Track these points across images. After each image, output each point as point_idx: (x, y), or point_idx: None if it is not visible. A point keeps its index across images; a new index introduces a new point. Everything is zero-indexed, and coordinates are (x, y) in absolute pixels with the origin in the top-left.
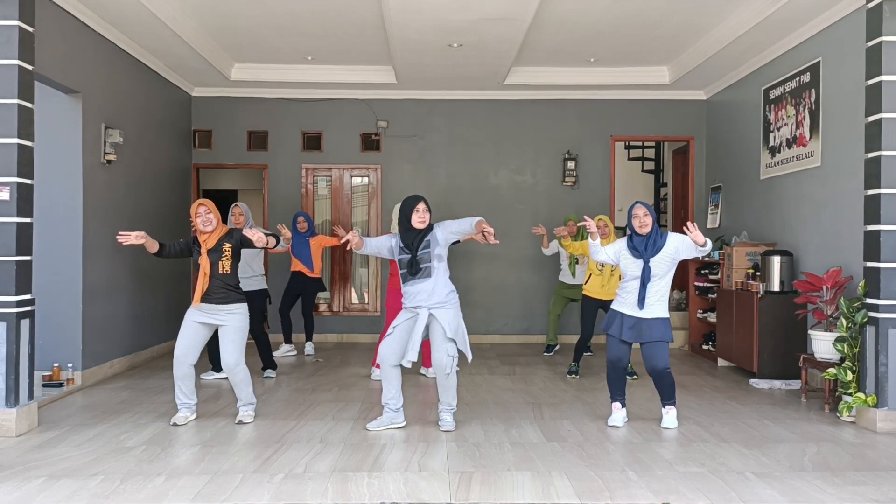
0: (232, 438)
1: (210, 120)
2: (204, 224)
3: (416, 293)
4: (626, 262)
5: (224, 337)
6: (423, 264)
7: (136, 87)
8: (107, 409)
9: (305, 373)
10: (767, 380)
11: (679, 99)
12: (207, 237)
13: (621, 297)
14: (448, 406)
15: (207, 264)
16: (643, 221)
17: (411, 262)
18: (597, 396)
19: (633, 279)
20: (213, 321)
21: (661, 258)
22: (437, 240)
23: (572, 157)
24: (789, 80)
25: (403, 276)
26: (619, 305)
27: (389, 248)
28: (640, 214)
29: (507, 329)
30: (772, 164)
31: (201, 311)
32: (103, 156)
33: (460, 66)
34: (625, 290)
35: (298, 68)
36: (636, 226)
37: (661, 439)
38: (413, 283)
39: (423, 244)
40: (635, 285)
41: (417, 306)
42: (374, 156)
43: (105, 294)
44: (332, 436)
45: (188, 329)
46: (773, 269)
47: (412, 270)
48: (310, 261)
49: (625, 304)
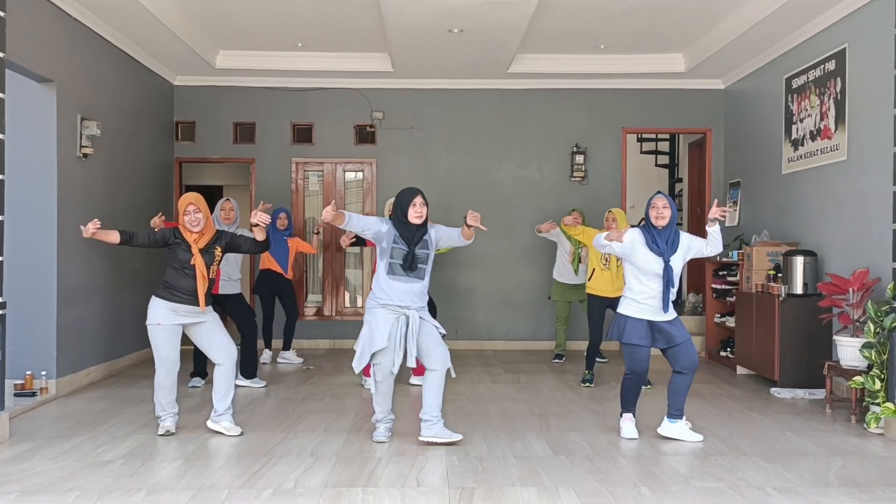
0: (217, 452)
1: (193, 111)
2: (192, 224)
3: (404, 292)
4: (643, 258)
5: (212, 330)
6: (421, 263)
7: (115, 76)
8: (83, 420)
9: (294, 382)
10: (790, 389)
11: (695, 88)
12: (198, 237)
13: (640, 303)
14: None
15: (203, 266)
16: (661, 213)
17: (409, 258)
18: (607, 406)
19: (650, 279)
20: (188, 321)
21: (678, 256)
22: (432, 241)
23: (581, 151)
24: (813, 68)
25: (392, 267)
26: (640, 312)
27: (378, 231)
28: (660, 205)
29: (511, 334)
30: (794, 158)
31: (181, 314)
32: (79, 149)
33: (461, 53)
34: (643, 295)
35: (288, 56)
36: (653, 216)
37: (676, 453)
38: (404, 279)
39: (422, 242)
40: (656, 287)
41: (405, 306)
42: (368, 149)
43: (81, 297)
44: (323, 449)
45: (172, 334)
46: (795, 271)
47: (407, 266)
48: (286, 262)
49: (647, 310)
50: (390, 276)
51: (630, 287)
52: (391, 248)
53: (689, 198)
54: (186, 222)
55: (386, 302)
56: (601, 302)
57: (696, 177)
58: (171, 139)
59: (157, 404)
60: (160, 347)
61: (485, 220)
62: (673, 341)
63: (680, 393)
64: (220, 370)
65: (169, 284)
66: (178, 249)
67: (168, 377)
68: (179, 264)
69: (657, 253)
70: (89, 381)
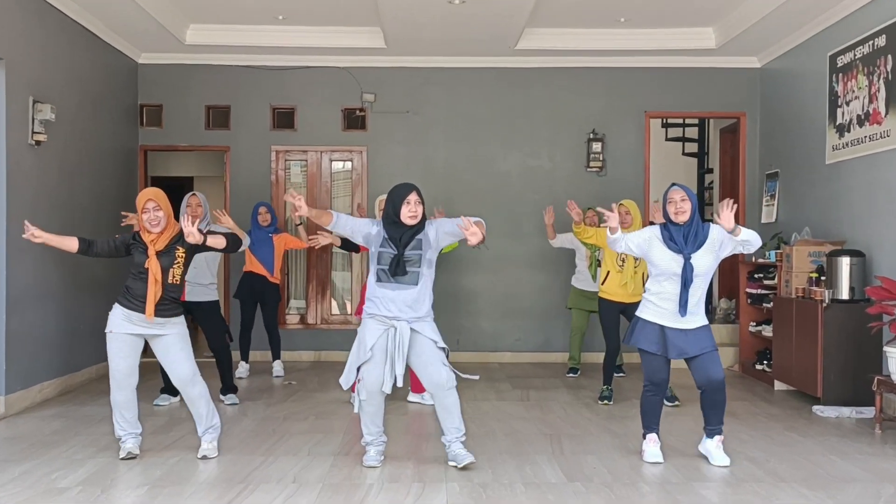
0: (187, 477)
1: (160, 93)
2: (151, 223)
3: (392, 300)
4: (661, 257)
5: (170, 347)
6: (411, 268)
7: (72, 54)
8: (35, 441)
9: (275, 399)
10: (834, 407)
11: (728, 67)
12: (156, 238)
13: (655, 306)
14: (458, 433)
15: (158, 270)
16: (680, 207)
17: (396, 262)
18: (627, 426)
19: (668, 279)
20: (149, 332)
21: (704, 254)
22: (429, 241)
23: (598, 138)
24: (861, 44)
25: (380, 273)
26: (655, 316)
27: (367, 234)
28: (677, 199)
29: (520, 345)
30: (840, 146)
31: (134, 321)
32: (31, 135)
33: (462, 27)
34: (659, 297)
35: (267, 30)
36: (671, 212)
37: (706, 479)
38: (392, 286)
39: (414, 243)
40: (673, 288)
41: (394, 317)
42: (358, 136)
43: (33, 303)
44: (307, 474)
45: (124, 343)
46: (840, 273)
47: (394, 271)
48: (271, 263)
49: (663, 313)
50: (379, 284)
51: (648, 288)
52: (378, 252)
53: (720, 190)
54: (145, 221)
55: (374, 312)
56: (613, 307)
57: (729, 167)
58: (135, 124)
59: (115, 424)
60: (111, 357)
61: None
62: (689, 352)
63: (707, 409)
64: (189, 394)
65: (127, 289)
66: (136, 252)
67: (119, 392)
68: (136, 268)
69: (675, 250)
70: (42, 397)
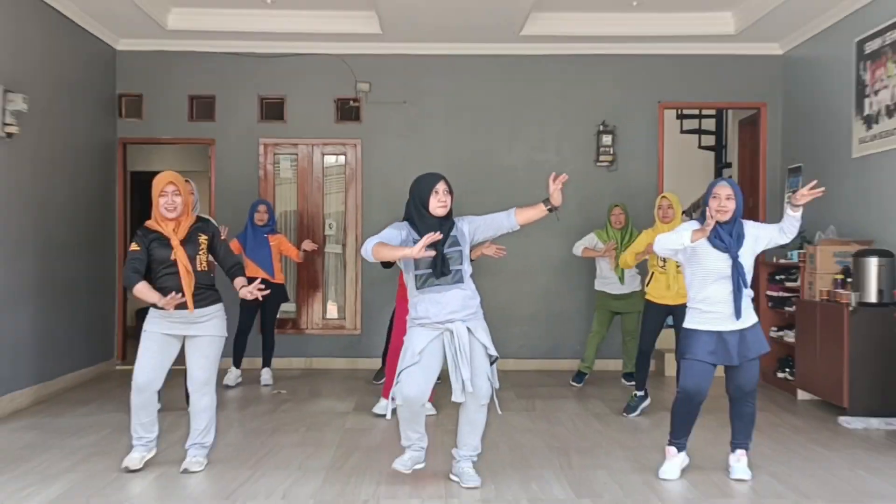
0: (169, 493)
1: (140, 82)
2: (167, 207)
3: (444, 303)
4: (707, 256)
5: (198, 348)
6: (455, 266)
7: (45, 41)
8: (5, 455)
9: (264, 409)
10: (862, 418)
11: (747, 54)
12: (176, 225)
13: (705, 312)
14: (474, 452)
15: (186, 259)
16: (724, 206)
17: (441, 261)
18: (640, 440)
19: (717, 282)
20: (187, 332)
21: (746, 251)
22: (464, 236)
23: (609, 130)
24: (891, 29)
25: (421, 279)
26: (709, 322)
27: (401, 242)
28: (723, 196)
29: (525, 352)
30: (867, 139)
31: (172, 319)
32: (2, 128)
33: (464, 11)
34: (709, 301)
35: (255, 14)
36: (714, 207)
37: (725, 495)
38: (438, 289)
39: (451, 240)
40: (724, 291)
41: (448, 320)
42: (352, 128)
43: (6, 307)
44: (297, 490)
45: (155, 344)
46: (868, 275)
47: (440, 272)
48: (269, 264)
49: (717, 317)
50: (420, 290)
51: (693, 296)
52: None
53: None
54: (162, 205)
55: (424, 318)
56: (660, 310)
57: (748, 161)
58: (113, 116)
59: (131, 427)
60: (138, 356)
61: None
62: (747, 355)
63: (735, 421)
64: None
65: (160, 292)
66: (156, 248)
67: (138, 395)
68: (159, 265)
69: (723, 249)
70: (14, 407)
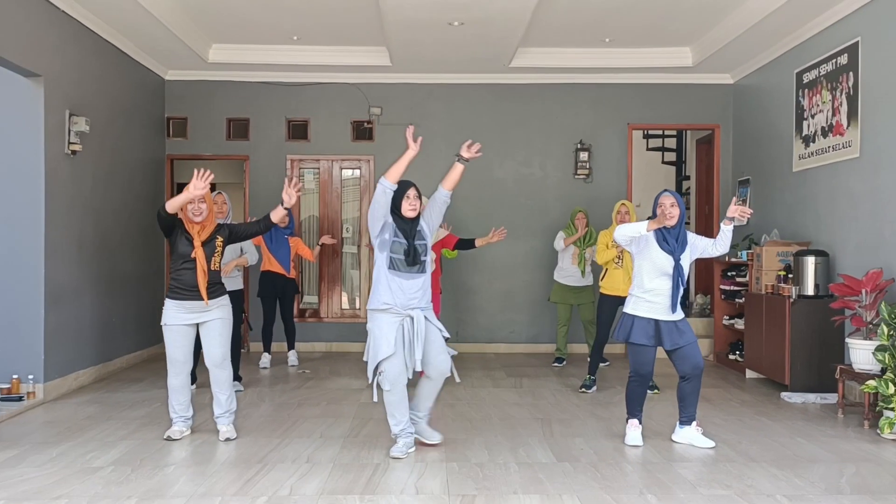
0: (209, 458)
1: (185, 106)
2: (194, 213)
3: (408, 289)
4: (655, 255)
5: (211, 330)
6: (423, 257)
7: (104, 71)
8: (71, 425)
9: (290, 386)
10: (801, 393)
11: (703, 83)
12: (201, 228)
13: (649, 301)
14: (429, 413)
15: (203, 258)
16: (670, 212)
17: (413, 252)
18: (612, 411)
19: (658, 277)
20: (200, 319)
21: (686, 256)
22: (425, 232)
23: (585, 148)
24: (825, 62)
25: (393, 262)
26: (648, 311)
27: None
28: (668, 204)
29: (514, 337)
30: (805, 155)
31: (188, 310)
32: (67, 146)
33: (461, 47)
34: (652, 293)
35: (283, 49)
36: (660, 215)
37: (684, 459)
38: (407, 275)
39: (417, 235)
40: (665, 286)
41: (408, 307)
42: (366, 146)
43: (69, 298)
44: (319, 455)
45: (178, 334)
46: (806, 271)
47: (410, 260)
48: (288, 261)
49: (656, 308)
50: (392, 272)
51: (639, 285)
52: (392, 241)
53: (696, 196)
54: (189, 211)
55: (390, 303)
56: (612, 302)
57: (704, 174)
58: (162, 135)
59: (169, 407)
60: (168, 347)
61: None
62: (679, 342)
63: (687, 398)
64: (212, 376)
65: (173, 280)
66: (179, 243)
67: (176, 378)
68: (179, 258)
69: (668, 251)
70: (78, 385)
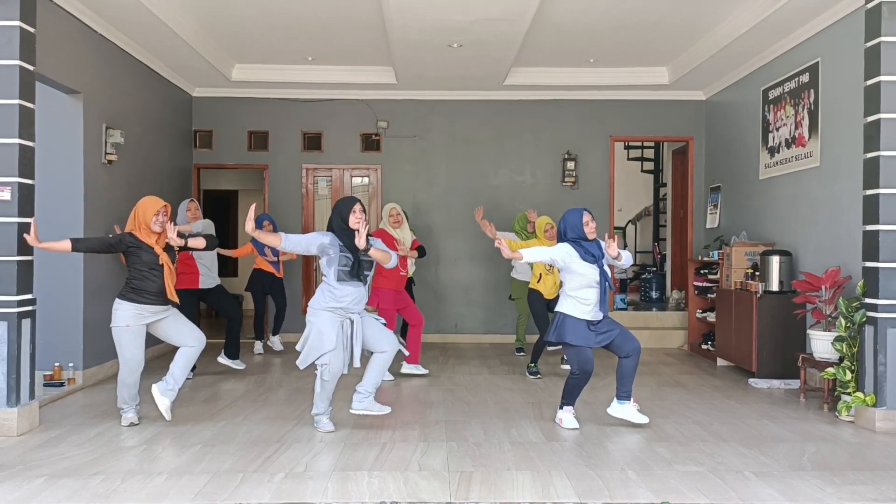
0: (232, 438)
1: (211, 120)
2: (158, 225)
3: (348, 295)
4: (582, 268)
5: (176, 321)
6: (366, 271)
7: (137, 88)
8: (107, 408)
9: (305, 373)
10: (766, 379)
11: (678, 99)
12: (159, 238)
13: (580, 306)
14: (375, 388)
15: (170, 261)
16: (591, 227)
17: (357, 266)
18: (597, 396)
19: (587, 286)
20: (154, 319)
21: (605, 262)
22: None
23: (572, 158)
24: (788, 80)
25: (340, 274)
26: (581, 313)
27: (321, 244)
28: (588, 220)
29: (508, 328)
30: (771, 165)
31: (152, 314)
32: (104, 156)
33: (460, 67)
34: (579, 299)
35: (299, 69)
36: (587, 232)
37: (661, 439)
38: (352, 285)
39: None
40: (593, 292)
41: (348, 310)
42: (374, 156)
43: (106, 294)
44: (331, 435)
45: (138, 335)
46: (772, 269)
47: (354, 274)
48: (277, 265)
49: (587, 311)
50: (341, 283)
51: (569, 292)
52: (338, 256)
53: (672, 201)
54: (153, 223)
55: (335, 306)
56: (544, 300)
57: (680, 182)
58: (189, 147)
59: (119, 398)
60: (126, 348)
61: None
62: (610, 336)
63: (627, 376)
64: (189, 350)
65: (135, 287)
66: (142, 253)
67: (132, 375)
68: (146, 266)
69: (592, 262)
70: (113, 371)
